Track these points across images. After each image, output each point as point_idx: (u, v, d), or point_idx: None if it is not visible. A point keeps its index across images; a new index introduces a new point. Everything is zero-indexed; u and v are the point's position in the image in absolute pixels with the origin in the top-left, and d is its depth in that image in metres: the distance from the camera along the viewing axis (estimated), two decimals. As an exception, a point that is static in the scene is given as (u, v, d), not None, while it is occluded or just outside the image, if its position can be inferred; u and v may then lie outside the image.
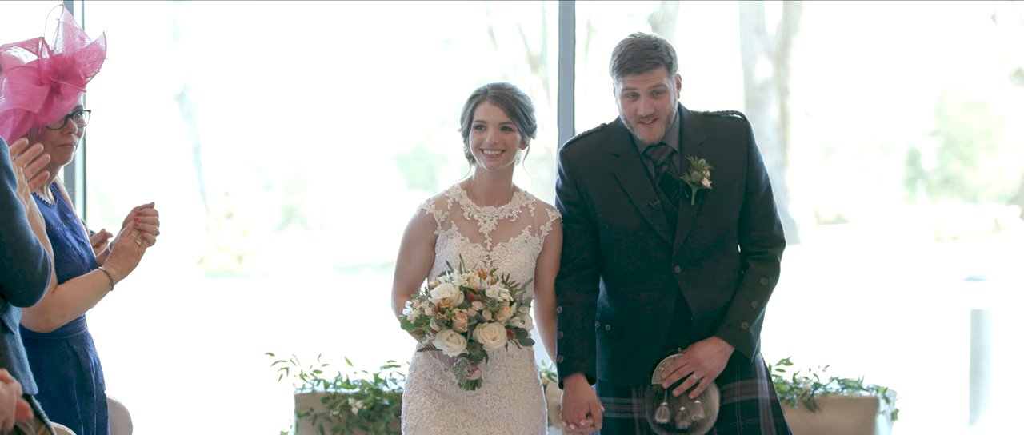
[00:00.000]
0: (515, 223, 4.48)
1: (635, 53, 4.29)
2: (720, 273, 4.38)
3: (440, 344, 4.18)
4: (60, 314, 3.65)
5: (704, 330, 4.39)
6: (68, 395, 3.74)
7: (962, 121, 9.75)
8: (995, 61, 9.10)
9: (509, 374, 4.46)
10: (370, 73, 9.67)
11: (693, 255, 4.33)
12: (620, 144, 4.41)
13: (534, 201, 4.55)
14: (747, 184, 4.39)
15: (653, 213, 4.31)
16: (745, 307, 4.37)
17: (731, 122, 4.43)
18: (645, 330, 4.39)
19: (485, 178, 4.50)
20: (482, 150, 4.42)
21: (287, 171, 12.32)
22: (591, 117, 5.94)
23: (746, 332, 4.37)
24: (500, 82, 4.50)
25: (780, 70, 8.95)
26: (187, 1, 10.32)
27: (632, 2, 8.87)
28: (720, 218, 4.35)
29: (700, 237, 4.34)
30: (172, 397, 10.81)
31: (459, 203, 4.48)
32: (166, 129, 10.80)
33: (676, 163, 4.35)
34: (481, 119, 4.41)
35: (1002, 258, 9.75)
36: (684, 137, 4.38)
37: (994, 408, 8.92)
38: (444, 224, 4.45)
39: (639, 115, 4.29)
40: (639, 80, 4.26)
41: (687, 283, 4.34)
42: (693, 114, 4.45)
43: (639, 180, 4.36)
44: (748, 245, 4.46)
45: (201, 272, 12.63)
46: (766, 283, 4.41)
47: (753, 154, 4.41)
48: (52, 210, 3.78)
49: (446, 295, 4.16)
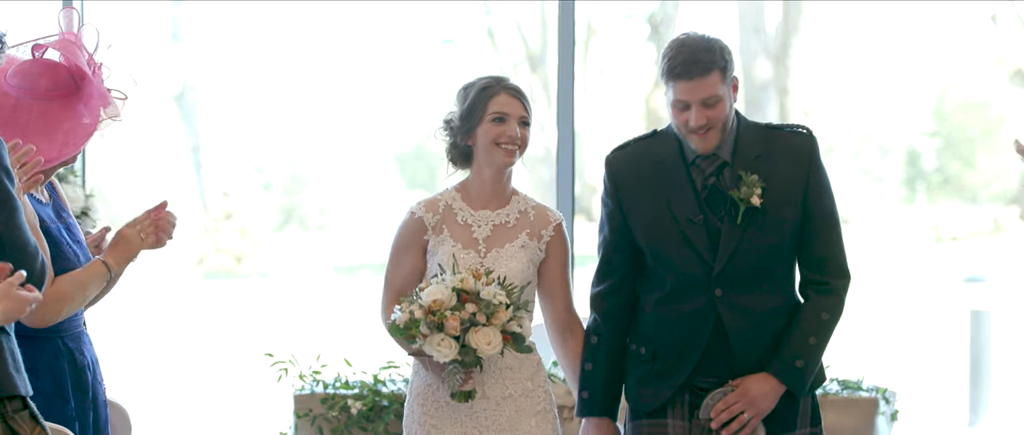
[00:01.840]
0: (512, 228, 4.19)
1: (686, 56, 3.88)
2: (764, 300, 3.97)
3: (430, 349, 3.86)
4: (56, 309, 3.62)
5: (743, 361, 3.98)
6: (62, 392, 3.73)
7: (962, 121, 9.75)
8: (995, 61, 9.11)
9: (509, 387, 4.16)
10: (370, 73, 9.67)
11: (735, 278, 3.93)
12: (667, 150, 4.01)
13: (534, 205, 4.24)
14: (806, 207, 3.97)
15: (694, 229, 3.94)
16: (802, 343, 3.96)
17: (794, 137, 4.01)
18: (678, 355, 4.00)
19: (487, 178, 4.18)
20: (499, 144, 4.11)
21: (286, 172, 12.32)
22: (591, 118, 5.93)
23: (801, 371, 3.95)
24: (499, 75, 4.22)
25: (779, 70, 8.95)
26: (187, 2, 10.32)
27: (632, 3, 8.88)
28: (769, 241, 3.93)
29: (745, 259, 3.92)
30: (171, 398, 10.80)
31: (452, 206, 4.18)
32: (165, 130, 10.80)
33: (726, 177, 3.95)
34: (502, 111, 4.11)
35: (1002, 259, 9.75)
36: (738, 149, 3.97)
37: (994, 409, 8.93)
38: (435, 228, 4.16)
39: (690, 126, 3.89)
40: (690, 88, 3.86)
41: (727, 308, 3.94)
42: (752, 125, 4.04)
43: (683, 191, 3.97)
44: (809, 274, 4.03)
45: (200, 273, 12.62)
46: (827, 318, 3.99)
47: (815, 174, 3.98)
48: (46, 208, 3.77)
49: (437, 296, 3.86)
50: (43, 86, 3.73)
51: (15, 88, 3.71)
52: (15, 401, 3.22)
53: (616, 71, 8.79)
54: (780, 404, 3.99)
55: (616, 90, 8.82)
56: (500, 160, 4.12)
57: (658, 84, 4.00)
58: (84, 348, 3.84)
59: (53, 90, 3.73)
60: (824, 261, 3.99)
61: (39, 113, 3.71)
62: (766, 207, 3.91)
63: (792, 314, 4.00)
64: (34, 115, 3.70)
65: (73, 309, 3.68)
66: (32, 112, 3.71)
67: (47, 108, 3.72)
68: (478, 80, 4.17)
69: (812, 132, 4.00)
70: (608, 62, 8.92)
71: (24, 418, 3.22)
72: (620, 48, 8.80)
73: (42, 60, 3.74)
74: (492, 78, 4.17)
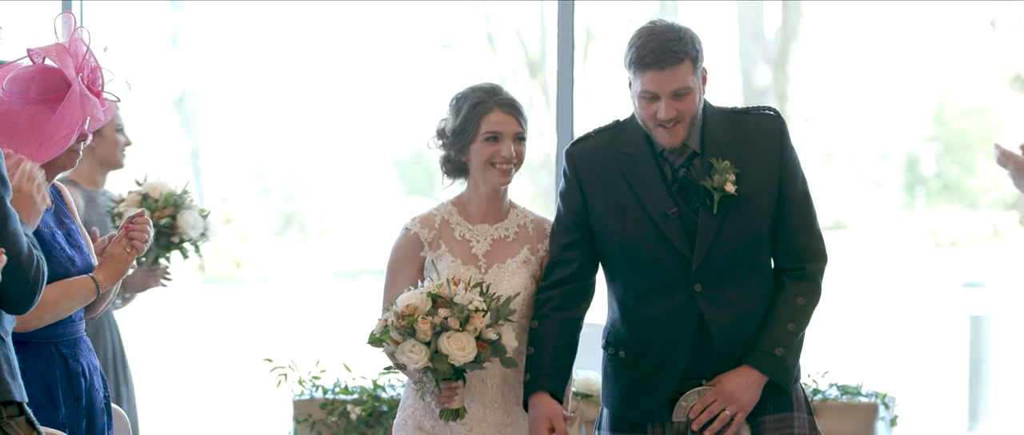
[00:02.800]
0: (512, 242, 3.97)
1: (656, 45, 3.69)
2: (747, 293, 3.79)
3: (402, 356, 3.64)
4: (38, 314, 3.61)
5: (729, 358, 3.79)
6: (53, 398, 3.72)
7: (961, 127, 9.75)
8: (994, 67, 9.11)
9: (510, 412, 3.93)
10: (369, 79, 9.67)
11: (716, 271, 3.74)
12: (634, 142, 3.82)
13: (533, 218, 4.02)
14: (780, 190, 3.79)
15: (669, 222, 3.74)
16: (780, 331, 3.78)
17: (762, 119, 3.84)
18: (661, 356, 3.79)
19: (483, 194, 3.96)
20: (493, 164, 3.88)
21: (286, 177, 12.32)
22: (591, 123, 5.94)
23: (781, 359, 3.77)
24: (491, 85, 3.97)
25: (779, 76, 8.95)
26: (186, 6, 10.32)
27: (631, 4, 8.88)
28: (747, 229, 3.76)
29: (724, 251, 3.73)
30: (171, 403, 10.79)
31: (449, 221, 3.98)
32: (165, 135, 10.81)
33: (697, 166, 3.77)
34: (495, 130, 3.89)
35: (1001, 264, 9.75)
36: (707, 137, 3.80)
37: (993, 414, 8.92)
38: (432, 244, 3.95)
39: (659, 119, 3.69)
40: (660, 79, 3.67)
41: (708, 303, 3.75)
42: (718, 110, 3.85)
43: (653, 184, 3.78)
44: (783, 260, 3.84)
45: (200, 278, 12.62)
46: (804, 303, 3.81)
47: (788, 155, 3.81)
48: (46, 213, 3.77)
49: (412, 302, 3.65)
50: (34, 91, 3.73)
51: (7, 93, 3.72)
52: (11, 406, 3.22)
53: (616, 76, 8.79)
54: (770, 396, 3.80)
55: (616, 95, 8.82)
56: (495, 180, 3.90)
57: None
58: (80, 355, 3.84)
59: (43, 95, 3.73)
60: (799, 245, 3.82)
61: (27, 117, 3.71)
62: (741, 194, 3.74)
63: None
64: (23, 120, 3.70)
65: (57, 316, 3.68)
66: (21, 116, 3.71)
67: (36, 112, 3.73)
68: (471, 93, 3.95)
69: (780, 113, 3.83)
70: (607, 67, 8.92)
71: (20, 424, 3.22)
72: (619, 53, 8.80)
73: (36, 65, 3.75)
74: (485, 91, 3.93)
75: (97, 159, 5.33)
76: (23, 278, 3.20)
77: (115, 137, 5.35)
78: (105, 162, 5.33)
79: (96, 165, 5.33)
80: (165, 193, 5.19)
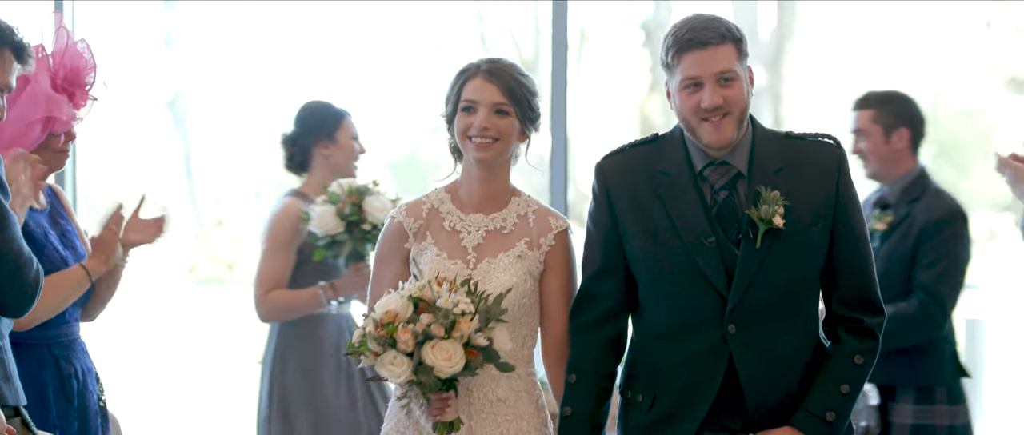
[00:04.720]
0: (508, 235, 3.55)
1: (696, 24, 3.33)
2: (786, 341, 3.36)
3: (383, 370, 3.24)
4: (32, 312, 3.62)
5: (759, 412, 3.38)
6: (44, 400, 3.73)
7: (956, 128, 9.73)
8: (989, 68, 9.09)
9: (501, 425, 3.54)
10: (361, 80, 9.64)
11: (753, 313, 3.32)
12: (672, 160, 3.40)
13: (536, 208, 3.60)
14: (836, 228, 3.36)
15: (705, 252, 3.32)
16: (832, 392, 3.35)
17: (819, 147, 3.40)
18: (680, 402, 3.38)
19: (473, 177, 3.57)
20: (469, 137, 3.49)
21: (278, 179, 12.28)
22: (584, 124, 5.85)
23: (831, 425, 3.34)
24: (497, 57, 3.61)
25: (774, 77, 8.93)
26: (179, 7, 10.29)
27: (626, 4, 8.86)
28: (793, 268, 3.33)
29: (764, 290, 3.32)
30: (163, 405, 10.77)
31: (439, 209, 3.57)
32: (157, 136, 10.77)
33: (740, 191, 3.35)
34: (471, 98, 3.49)
35: (996, 267, 9.72)
36: (755, 159, 3.37)
37: (987, 417, 8.90)
38: (417, 235, 3.55)
39: (703, 109, 3.30)
40: (702, 60, 3.29)
41: (742, 348, 3.33)
42: (771, 133, 3.45)
43: (690, 207, 3.35)
44: (839, 308, 3.42)
45: (192, 280, 12.58)
46: (861, 363, 3.38)
47: (845, 191, 3.38)
48: (39, 215, 3.78)
49: (391, 307, 3.25)
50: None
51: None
52: (6, 409, 3.26)
53: (610, 77, 8.78)
54: None
55: (610, 96, 8.80)
56: (471, 155, 3.51)
57: (653, 89, 3.70)
58: (74, 357, 3.83)
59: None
60: (856, 293, 3.41)
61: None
62: (790, 229, 3.31)
63: (816, 358, 3.43)
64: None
65: (49, 312, 3.69)
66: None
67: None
68: (466, 63, 3.61)
69: (840, 142, 3.42)
70: (601, 68, 8.90)
71: (16, 426, 3.27)
72: (613, 54, 8.79)
73: None
74: (476, 61, 3.58)
75: (330, 167, 5.13)
76: (23, 281, 3.22)
77: (351, 145, 5.15)
78: (338, 170, 5.11)
79: (328, 173, 5.13)
80: (349, 186, 4.92)
